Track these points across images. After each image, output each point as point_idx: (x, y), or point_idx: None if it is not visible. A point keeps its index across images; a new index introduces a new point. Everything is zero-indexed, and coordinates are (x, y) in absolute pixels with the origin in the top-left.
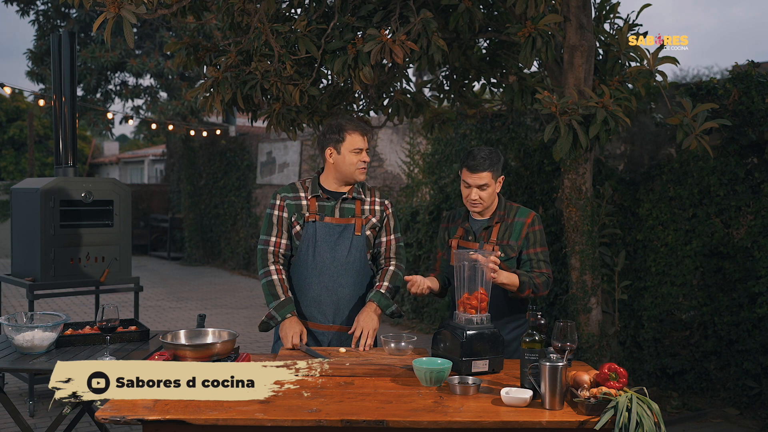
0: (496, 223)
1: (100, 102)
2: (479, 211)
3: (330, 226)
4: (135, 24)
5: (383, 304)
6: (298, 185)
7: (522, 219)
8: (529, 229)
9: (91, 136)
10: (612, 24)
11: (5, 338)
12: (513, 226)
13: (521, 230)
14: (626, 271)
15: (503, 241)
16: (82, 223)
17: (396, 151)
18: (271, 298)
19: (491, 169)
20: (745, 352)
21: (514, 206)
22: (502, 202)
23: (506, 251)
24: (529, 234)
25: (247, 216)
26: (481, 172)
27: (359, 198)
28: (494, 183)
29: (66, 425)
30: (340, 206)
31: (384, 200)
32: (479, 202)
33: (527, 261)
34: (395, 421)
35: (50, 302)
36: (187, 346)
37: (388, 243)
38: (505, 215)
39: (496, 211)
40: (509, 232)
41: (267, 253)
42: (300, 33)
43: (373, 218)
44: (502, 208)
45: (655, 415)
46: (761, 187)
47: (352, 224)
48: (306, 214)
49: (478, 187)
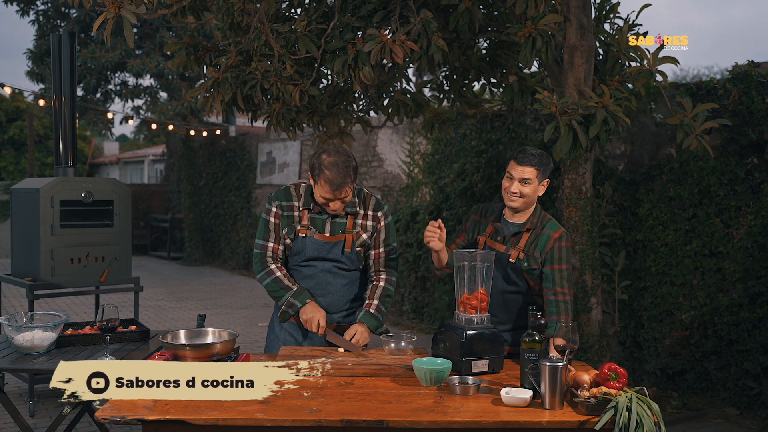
0: (527, 230)
1: (100, 102)
2: (516, 206)
3: (320, 243)
4: (135, 24)
5: (373, 325)
6: (293, 192)
7: (550, 232)
8: (555, 244)
9: (91, 136)
10: (612, 24)
11: (5, 338)
12: (540, 236)
13: (547, 243)
14: (626, 271)
15: (529, 251)
16: (82, 223)
17: (396, 151)
18: (283, 291)
19: (538, 167)
20: (745, 352)
21: (547, 217)
22: (539, 210)
23: (530, 261)
24: (554, 249)
25: (247, 216)
26: (527, 167)
27: (352, 212)
28: (537, 183)
29: (66, 425)
30: (332, 220)
31: (378, 212)
32: (518, 195)
33: (550, 277)
34: (395, 421)
35: (50, 302)
36: (187, 346)
37: (377, 256)
38: (538, 224)
39: (530, 217)
40: (536, 243)
41: (265, 256)
42: (300, 33)
43: (363, 234)
44: (537, 216)
45: (655, 415)
46: (761, 187)
47: (342, 241)
48: (297, 227)
49: (521, 181)
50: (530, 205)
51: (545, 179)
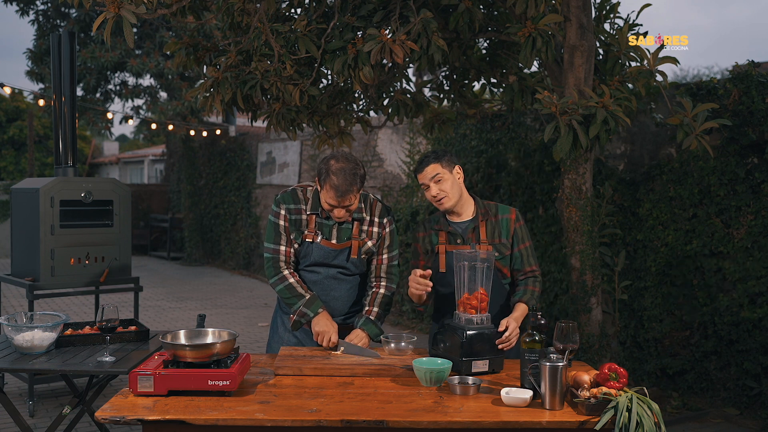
0: (482, 222)
1: (100, 102)
2: (449, 206)
3: (327, 250)
4: (135, 24)
5: (373, 332)
6: (300, 195)
7: (507, 215)
8: (516, 225)
9: (90, 136)
10: (612, 24)
11: (5, 338)
12: (500, 223)
13: (509, 226)
14: (626, 271)
15: (495, 240)
16: (82, 223)
17: (396, 151)
18: (296, 299)
19: (436, 161)
20: (745, 352)
21: (492, 204)
22: (478, 200)
23: (501, 250)
24: (516, 230)
25: (247, 216)
26: (427, 167)
27: (358, 218)
28: (449, 173)
29: (66, 425)
30: (338, 227)
31: (384, 218)
32: (442, 194)
33: (518, 257)
34: (395, 421)
35: (50, 302)
36: (187, 346)
37: (379, 262)
38: (488, 213)
39: (476, 209)
40: (498, 231)
41: (278, 261)
42: (300, 33)
43: (369, 241)
44: (481, 207)
45: (655, 415)
46: (761, 187)
47: (348, 248)
48: (304, 231)
49: (434, 182)
50: (459, 197)
51: (454, 166)
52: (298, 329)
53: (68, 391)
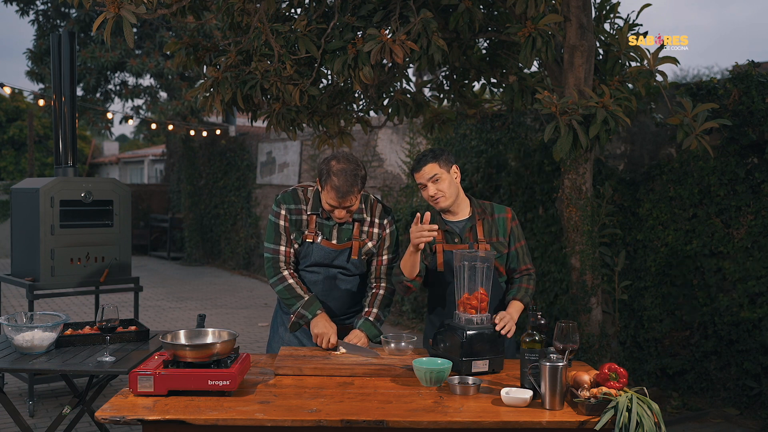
0: (478, 221)
1: (100, 102)
2: (445, 205)
3: (327, 250)
4: (135, 24)
5: (372, 333)
6: (300, 195)
7: (503, 215)
8: (512, 224)
9: (90, 136)
10: (612, 24)
11: (5, 338)
12: (496, 222)
13: (505, 225)
14: (626, 271)
15: (492, 239)
16: (82, 223)
17: (396, 151)
18: (294, 300)
19: (434, 160)
20: (745, 352)
21: (487, 203)
22: (473, 200)
23: (498, 249)
24: (513, 229)
25: (247, 216)
26: (425, 166)
27: (359, 219)
28: (446, 173)
29: (66, 425)
30: (339, 227)
31: (384, 219)
32: (440, 194)
33: (515, 256)
34: (395, 421)
35: (50, 302)
36: (187, 346)
37: (379, 263)
38: (484, 212)
39: (472, 208)
40: (495, 229)
41: (278, 261)
42: (300, 33)
43: (369, 242)
44: (477, 206)
45: (655, 415)
46: (761, 187)
47: (349, 248)
48: (305, 231)
49: (431, 182)
50: (456, 197)
51: (451, 166)
52: (296, 331)
53: (68, 391)
